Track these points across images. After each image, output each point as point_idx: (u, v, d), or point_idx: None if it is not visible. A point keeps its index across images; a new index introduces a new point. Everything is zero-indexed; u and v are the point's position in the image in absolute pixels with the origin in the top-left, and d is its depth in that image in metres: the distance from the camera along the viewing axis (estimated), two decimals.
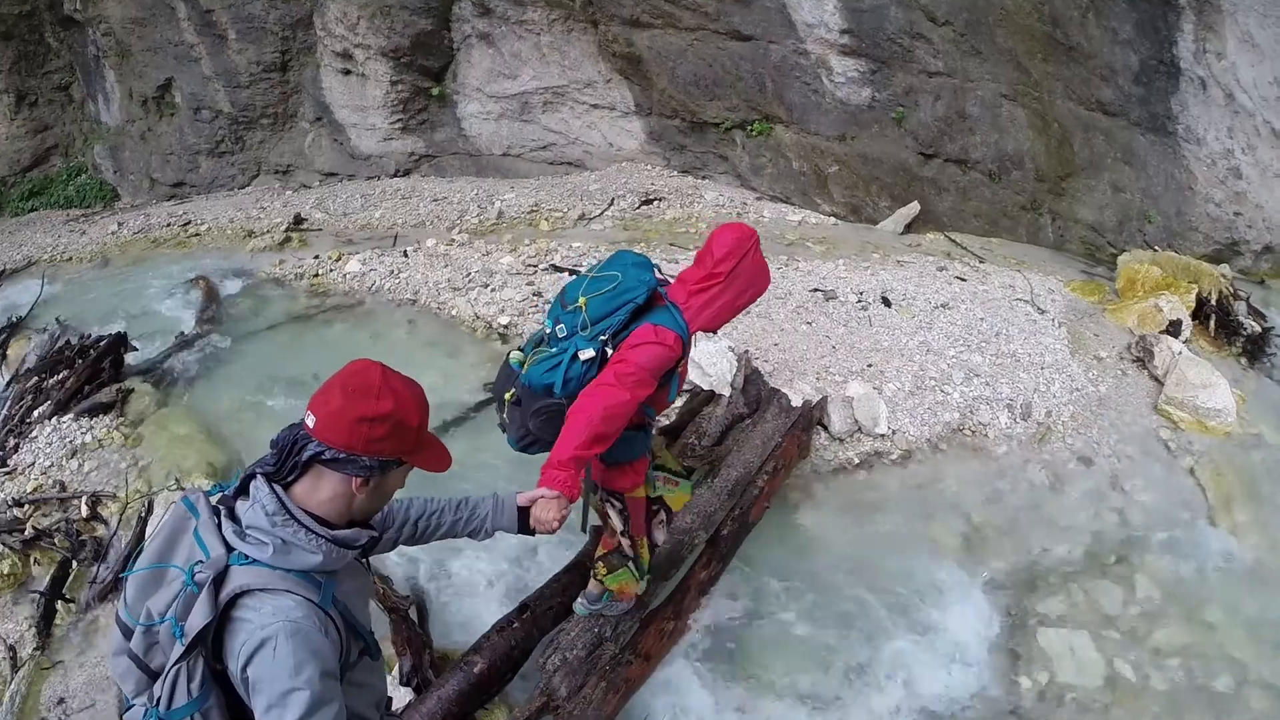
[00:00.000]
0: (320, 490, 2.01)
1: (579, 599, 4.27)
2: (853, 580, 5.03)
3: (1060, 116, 9.08)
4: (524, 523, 2.73)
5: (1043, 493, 5.77)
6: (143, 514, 5.50)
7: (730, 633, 4.67)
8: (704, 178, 11.33)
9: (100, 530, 5.55)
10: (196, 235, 11.37)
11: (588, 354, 3.13)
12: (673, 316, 3.17)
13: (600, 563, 4.08)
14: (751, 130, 10.61)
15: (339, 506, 2.03)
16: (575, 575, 4.49)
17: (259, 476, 1.99)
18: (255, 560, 1.90)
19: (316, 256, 9.61)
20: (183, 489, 5.62)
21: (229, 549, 1.92)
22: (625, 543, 3.88)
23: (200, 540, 1.95)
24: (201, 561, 1.91)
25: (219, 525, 1.95)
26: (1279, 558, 5.37)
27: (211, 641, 1.87)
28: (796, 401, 6.11)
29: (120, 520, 5.50)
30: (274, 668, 1.82)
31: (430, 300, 8.26)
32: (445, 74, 12.28)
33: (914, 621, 4.80)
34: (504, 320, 7.72)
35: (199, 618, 1.83)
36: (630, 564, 3.97)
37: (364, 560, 2.29)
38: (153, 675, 1.97)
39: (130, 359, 7.42)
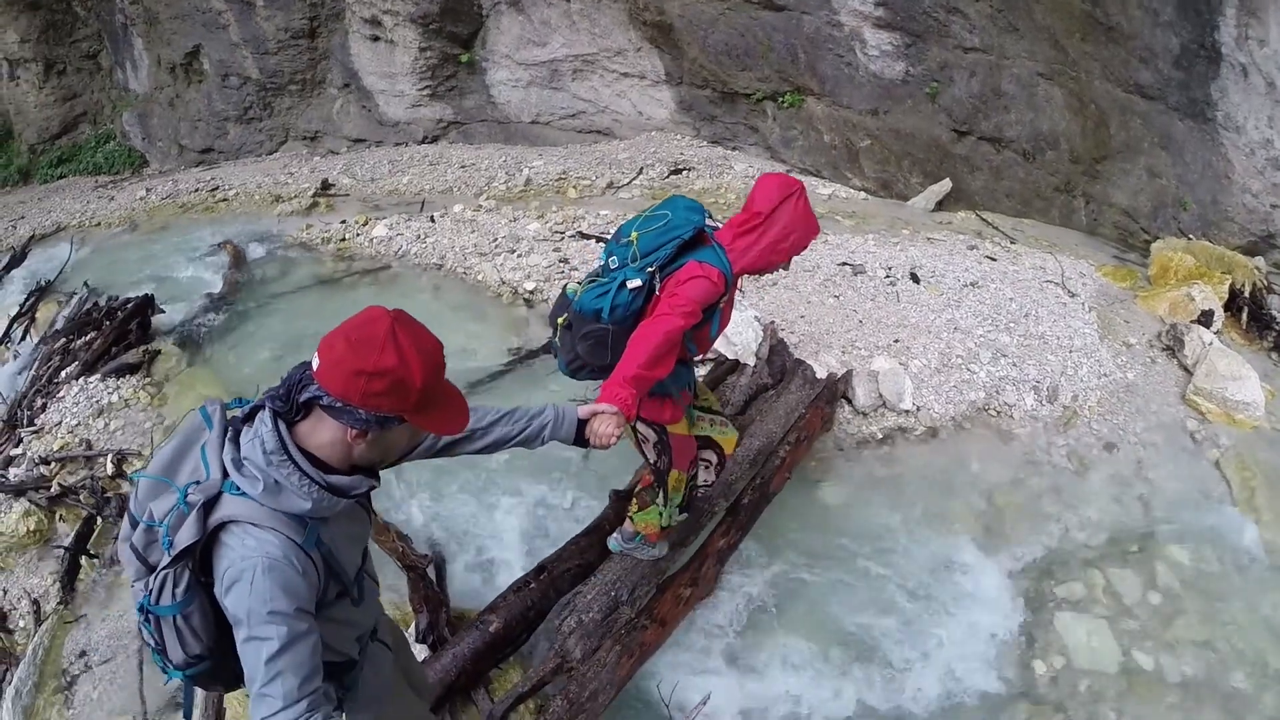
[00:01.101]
0: (319, 433, 2.02)
1: (614, 534, 4.42)
2: (871, 555, 5.02)
3: (1097, 97, 8.91)
4: (580, 436, 2.81)
5: (1066, 476, 5.72)
6: None
7: (747, 603, 4.68)
8: (734, 149, 11.25)
9: (125, 487, 5.62)
10: (224, 200, 11.47)
11: (635, 283, 3.31)
12: (717, 255, 3.32)
13: (635, 499, 4.23)
14: (783, 102, 10.51)
15: (338, 452, 2.05)
16: (594, 538, 4.51)
17: (266, 409, 2.01)
18: (247, 493, 1.95)
19: (343, 221, 9.66)
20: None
21: (225, 475, 1.98)
22: (649, 475, 4.03)
23: (205, 458, 2.02)
24: (199, 482, 1.99)
25: (223, 447, 2.01)
26: None
27: (201, 557, 1.96)
28: (821, 374, 6.08)
29: None
30: (251, 601, 1.90)
31: (456, 265, 8.27)
32: (474, 41, 12.24)
33: (930, 600, 4.78)
34: (530, 286, 7.72)
35: (186, 536, 1.92)
36: (659, 498, 4.06)
37: (368, 504, 2.34)
38: (150, 568, 2.06)
39: (157, 321, 7.51)
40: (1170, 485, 5.68)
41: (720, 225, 3.51)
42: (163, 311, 7.58)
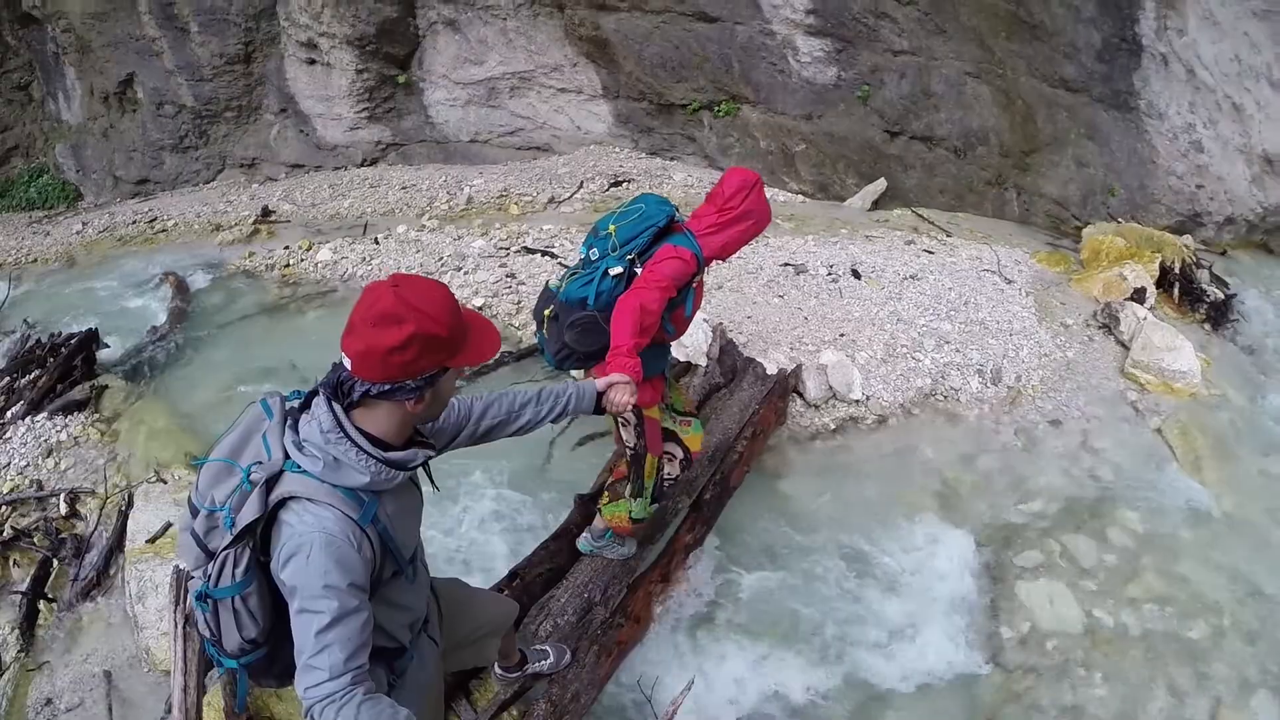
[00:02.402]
0: (378, 417, 2.08)
1: (583, 534, 4.47)
2: (832, 542, 5.08)
3: (1024, 93, 9.17)
4: (598, 406, 2.97)
5: (1015, 454, 5.85)
6: (123, 508, 5.41)
7: (717, 597, 4.70)
8: (672, 159, 11.36)
9: (80, 527, 5.48)
10: (163, 231, 11.25)
11: (616, 270, 3.56)
12: (688, 239, 3.61)
13: (606, 492, 4.33)
14: (719, 111, 10.65)
15: (398, 427, 2.12)
16: (563, 542, 4.50)
17: (321, 394, 2.08)
18: (307, 471, 2.01)
19: (286, 247, 9.54)
20: (163, 480, 5.56)
21: (286, 455, 2.04)
22: (624, 467, 4.15)
23: (266, 443, 2.08)
24: (260, 463, 2.04)
25: (283, 432, 2.07)
26: (1246, 511, 5.49)
27: (261, 537, 2.02)
28: (771, 370, 6.14)
29: (100, 516, 5.44)
30: (306, 574, 1.95)
31: None
32: (411, 61, 12.22)
33: (894, 580, 4.86)
34: (478, 302, 7.69)
35: (248, 513, 1.97)
36: (630, 489, 4.12)
37: (418, 480, 2.38)
38: (209, 554, 2.09)
39: (102, 356, 7.33)
40: (1116, 454, 5.84)
41: (687, 218, 3.79)
42: (107, 346, 7.39)
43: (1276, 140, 8.65)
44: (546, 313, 3.81)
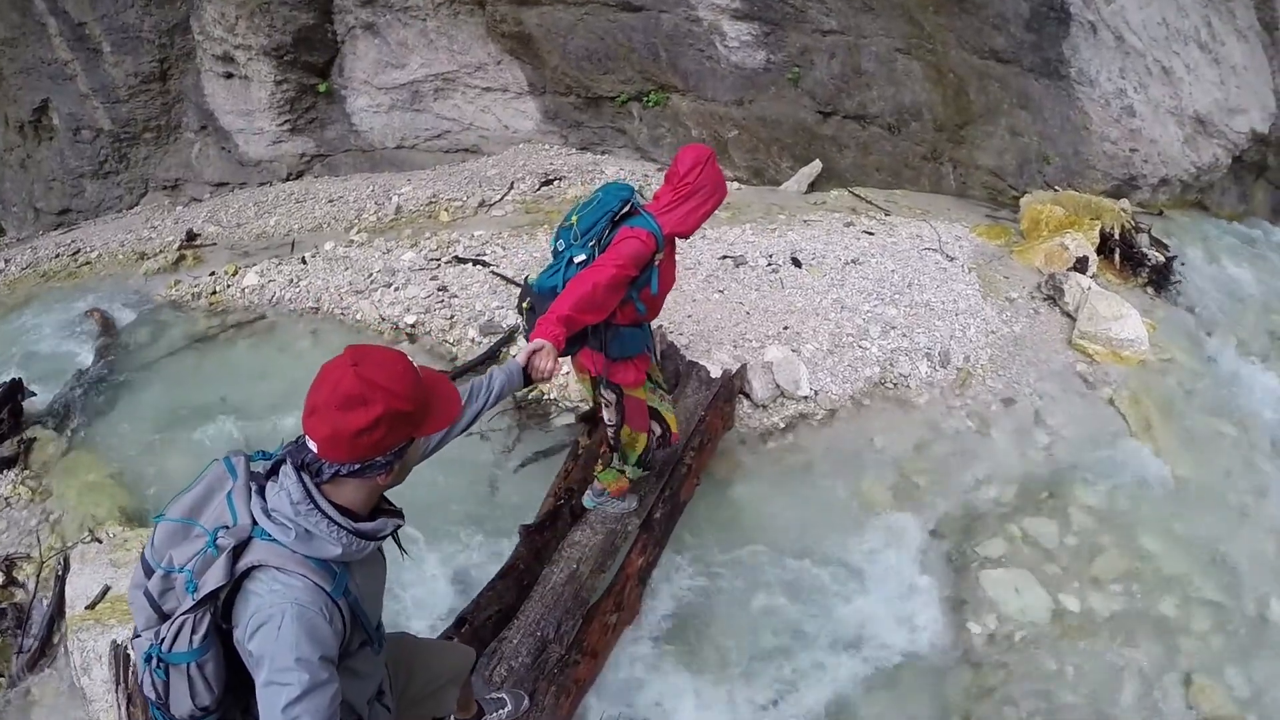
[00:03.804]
0: (346, 491, 2.05)
1: (586, 492, 4.77)
2: (792, 546, 4.93)
3: (955, 66, 9.09)
4: (527, 378, 3.06)
5: (969, 437, 5.75)
6: (59, 572, 5.07)
7: (676, 617, 4.53)
8: (603, 153, 11.14)
9: (19, 595, 5.14)
10: (87, 264, 10.77)
11: (580, 257, 3.76)
12: (646, 220, 3.76)
13: (600, 461, 4.76)
14: (648, 101, 10.45)
15: (365, 499, 2.09)
16: (510, 580, 4.30)
17: (289, 464, 2.02)
18: (277, 540, 1.96)
19: (213, 273, 9.15)
20: (98, 540, 5.25)
21: (254, 522, 1.98)
22: (610, 433, 4.40)
23: (231, 505, 2.01)
24: (227, 528, 1.98)
25: (249, 497, 2.01)
26: (1202, 475, 5.48)
27: (223, 604, 1.95)
28: (716, 372, 5.96)
29: (38, 581, 5.13)
30: (276, 646, 1.89)
31: (333, 307, 7.90)
32: (331, 69, 11.83)
33: (856, 580, 4.73)
34: (410, 319, 7.42)
35: (213, 579, 1.91)
36: (615, 457, 4.49)
37: (383, 548, 2.32)
38: (163, 616, 2.02)
39: (28, 405, 6.91)
40: (1070, 429, 5.77)
41: (649, 200, 3.97)
42: (34, 394, 6.98)
43: (1207, 101, 8.70)
44: (524, 305, 4.05)
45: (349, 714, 2.22)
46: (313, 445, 1.97)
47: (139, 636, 2.09)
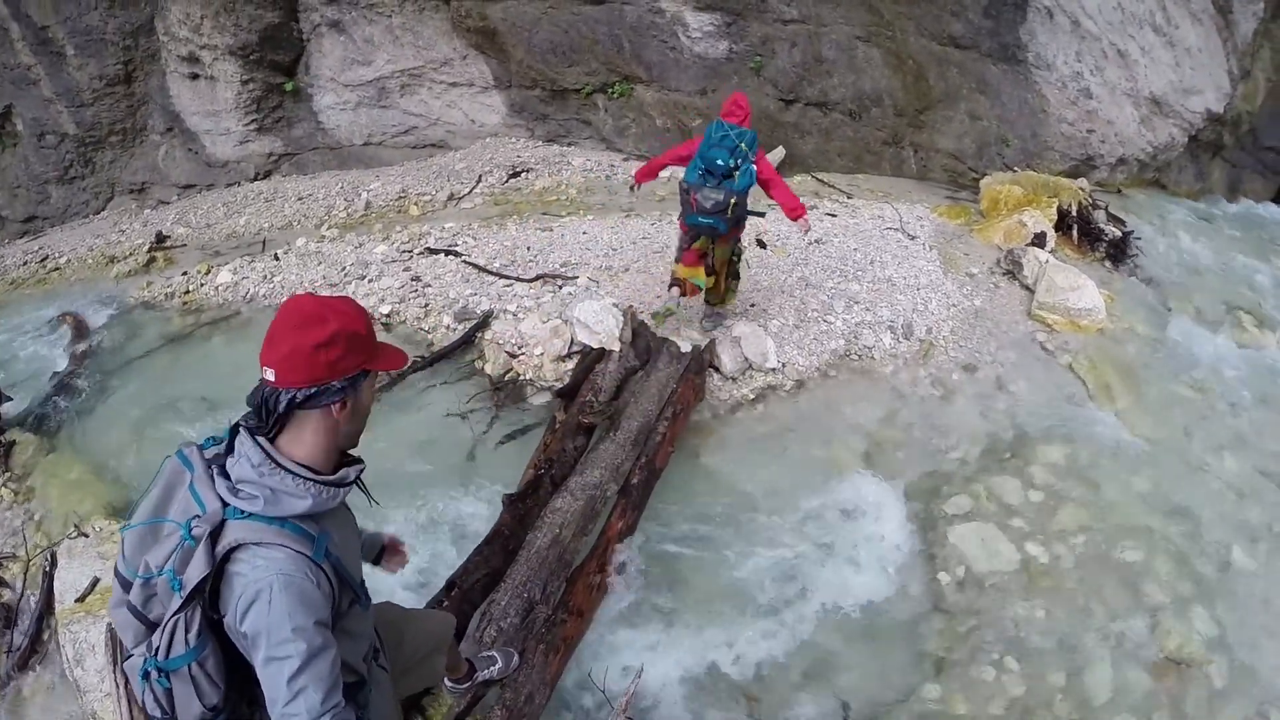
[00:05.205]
0: (305, 436, 2.03)
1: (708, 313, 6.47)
2: (764, 509, 5.05)
3: (914, 53, 9.27)
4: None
5: (933, 403, 5.89)
6: (46, 569, 5.05)
7: (657, 576, 4.62)
8: (570, 144, 11.23)
9: (6, 595, 5.12)
10: (56, 270, 10.67)
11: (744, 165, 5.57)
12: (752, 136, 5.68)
13: (726, 292, 6.28)
14: (612, 93, 10.55)
15: (326, 444, 2.06)
16: (496, 546, 4.37)
17: (243, 431, 2.01)
18: (250, 514, 1.93)
19: (185, 273, 9.11)
20: (84, 535, 5.25)
21: (224, 504, 1.95)
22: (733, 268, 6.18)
23: (196, 495, 1.98)
24: (198, 516, 1.94)
25: (213, 481, 1.98)
26: (1160, 433, 5.65)
27: (209, 593, 1.91)
28: (685, 347, 6.08)
29: (25, 580, 5.11)
30: (270, 619, 1.87)
31: None
32: (297, 67, 11.81)
33: (828, 540, 4.84)
34: (385, 310, 7.46)
35: (196, 570, 1.87)
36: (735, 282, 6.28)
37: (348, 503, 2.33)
38: (151, 626, 1.99)
39: (5, 410, 6.89)
40: (1030, 394, 5.93)
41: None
42: (10, 399, 6.94)
43: (1162, 83, 8.93)
44: (733, 201, 5.43)
45: (349, 674, 2.20)
46: (270, 374, 1.96)
47: (130, 658, 2.06)
